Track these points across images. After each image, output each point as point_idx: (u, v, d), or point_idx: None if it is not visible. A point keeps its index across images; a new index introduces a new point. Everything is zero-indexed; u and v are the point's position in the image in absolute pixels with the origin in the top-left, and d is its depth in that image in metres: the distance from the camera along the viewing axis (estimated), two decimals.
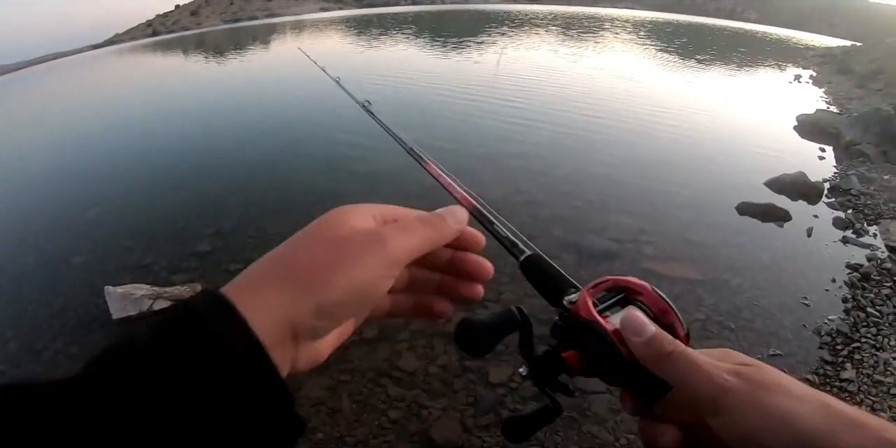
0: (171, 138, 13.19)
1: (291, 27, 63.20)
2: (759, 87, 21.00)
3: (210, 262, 6.60)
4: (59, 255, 7.19)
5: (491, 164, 9.51)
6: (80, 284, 6.33)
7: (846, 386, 4.38)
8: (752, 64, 27.62)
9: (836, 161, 10.55)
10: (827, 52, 35.24)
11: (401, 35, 40.29)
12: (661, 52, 30.96)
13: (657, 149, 10.86)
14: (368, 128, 1.48)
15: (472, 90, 16.62)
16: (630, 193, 8.44)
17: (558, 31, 42.74)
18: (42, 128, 17.90)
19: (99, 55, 62.46)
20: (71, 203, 9.21)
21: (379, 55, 28.97)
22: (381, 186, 8.51)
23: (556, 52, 28.43)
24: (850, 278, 6.05)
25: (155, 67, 37.40)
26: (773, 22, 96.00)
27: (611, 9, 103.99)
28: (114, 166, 11.26)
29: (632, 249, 6.59)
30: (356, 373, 4.55)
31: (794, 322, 5.24)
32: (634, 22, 61.42)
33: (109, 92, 25.64)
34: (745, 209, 7.76)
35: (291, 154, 10.99)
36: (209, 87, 22.90)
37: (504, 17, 62.77)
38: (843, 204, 8.19)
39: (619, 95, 16.28)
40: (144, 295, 5.45)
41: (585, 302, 0.70)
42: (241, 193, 8.72)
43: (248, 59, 32.27)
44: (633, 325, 0.64)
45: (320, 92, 13.37)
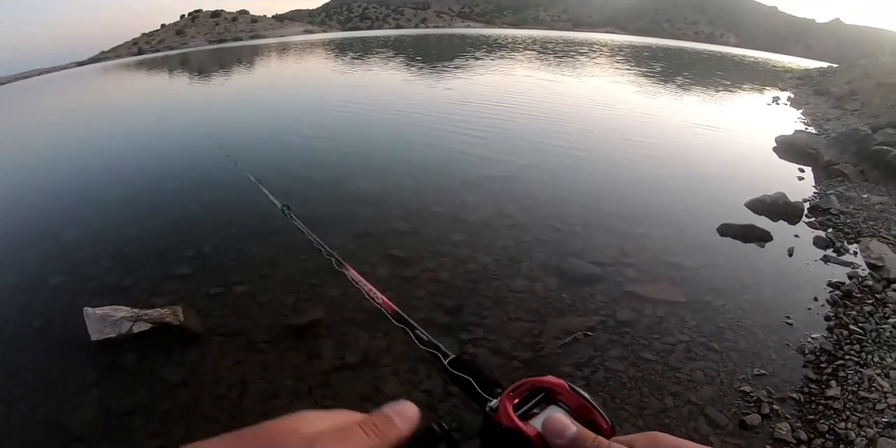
0: (151, 160, 13.12)
1: (275, 49, 63.37)
2: (738, 109, 21.32)
3: (190, 284, 6.51)
4: (36, 275, 7.06)
5: (474, 189, 9.53)
6: (59, 305, 6.22)
7: (831, 403, 4.37)
8: (731, 87, 28.02)
9: (816, 181, 10.68)
10: (804, 74, 35.99)
11: (378, 59, 40.50)
12: (640, 76, 31.38)
13: (637, 172, 10.95)
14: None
15: (451, 114, 16.76)
16: (611, 216, 8.47)
17: (538, 56, 43.22)
18: (20, 146, 17.74)
19: (82, 72, 62.25)
20: (49, 223, 9.07)
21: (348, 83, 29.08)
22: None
23: (535, 77, 28.71)
24: (832, 296, 6.09)
25: (137, 87, 37.34)
26: (752, 45, 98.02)
27: (591, 33, 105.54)
28: (92, 187, 11.15)
29: (613, 272, 6.58)
30: (339, 398, 4.50)
31: (778, 341, 5.24)
32: (615, 46, 62.33)
33: (89, 111, 25.54)
34: (727, 230, 7.81)
35: (269, 177, 10.94)
36: (191, 107, 22.85)
37: (484, 41, 63.48)
38: (824, 223, 8.27)
39: (598, 120, 16.49)
40: (124, 317, 5.35)
41: (506, 408, 0.72)
42: (222, 216, 8.65)
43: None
44: (554, 428, 0.66)
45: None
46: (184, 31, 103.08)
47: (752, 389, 4.50)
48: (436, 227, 7.93)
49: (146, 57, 76.67)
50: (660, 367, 4.82)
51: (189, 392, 4.69)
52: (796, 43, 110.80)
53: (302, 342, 5.27)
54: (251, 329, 5.52)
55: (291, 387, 4.66)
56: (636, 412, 4.28)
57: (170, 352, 5.21)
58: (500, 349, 5.09)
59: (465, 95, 20.51)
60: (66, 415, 4.48)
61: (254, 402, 4.50)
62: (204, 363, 5.05)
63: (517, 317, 5.64)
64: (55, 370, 5.09)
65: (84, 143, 16.63)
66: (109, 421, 4.41)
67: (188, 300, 6.05)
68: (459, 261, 6.87)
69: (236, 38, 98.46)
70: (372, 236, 7.65)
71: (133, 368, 5.02)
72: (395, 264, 6.78)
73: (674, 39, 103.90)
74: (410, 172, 10.64)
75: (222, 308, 5.93)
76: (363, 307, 5.74)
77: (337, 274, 4.61)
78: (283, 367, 4.93)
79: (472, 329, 5.40)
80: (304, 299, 6.02)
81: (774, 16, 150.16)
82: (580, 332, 5.26)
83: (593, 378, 4.66)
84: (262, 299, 6.06)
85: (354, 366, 4.90)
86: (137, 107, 24.52)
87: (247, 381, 4.77)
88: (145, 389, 4.74)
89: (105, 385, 4.84)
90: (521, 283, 6.32)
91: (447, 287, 6.25)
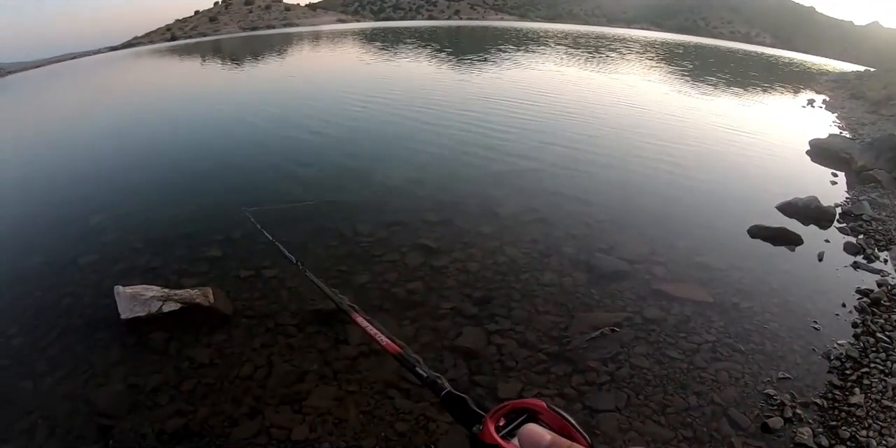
0: (183, 144, 13.30)
1: (308, 37, 63.57)
2: (772, 110, 20.99)
3: (220, 267, 6.61)
4: (67, 255, 7.19)
5: (504, 183, 9.54)
6: (88, 284, 6.34)
7: (854, 411, 4.33)
8: (766, 88, 27.63)
9: (848, 186, 10.52)
10: (840, 77, 35.39)
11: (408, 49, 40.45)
12: (673, 74, 31.05)
13: (668, 171, 10.85)
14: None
15: (482, 109, 16.76)
16: (642, 214, 8.45)
17: (569, 52, 42.90)
18: (54, 128, 18.05)
19: (116, 57, 62.97)
20: (80, 206, 9.23)
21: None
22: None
23: (566, 74, 28.51)
24: (860, 303, 6.00)
25: (170, 72, 37.69)
26: (788, 46, 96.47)
27: (625, 29, 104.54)
28: (122, 171, 11.34)
29: (642, 270, 6.55)
30: (364, 383, 4.55)
31: (804, 346, 5.20)
32: (647, 43, 61.62)
33: (122, 95, 25.89)
34: (757, 232, 7.73)
35: (302, 165, 11.02)
36: (223, 93, 23.01)
37: (515, 34, 63.17)
38: (855, 229, 8.16)
39: (630, 118, 16.31)
40: (154, 296, 5.43)
41: (488, 428, 0.81)
42: (250, 202, 8.69)
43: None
44: (530, 439, 0.73)
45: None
46: (217, 17, 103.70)
47: (775, 392, 4.47)
48: (466, 219, 7.94)
49: (179, 43, 77.32)
50: (685, 365, 4.80)
51: (215, 372, 4.76)
52: (832, 45, 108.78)
53: (329, 328, 5.31)
54: (279, 313, 5.59)
55: (317, 371, 4.71)
56: (659, 410, 4.27)
57: (198, 332, 5.29)
58: (526, 341, 5.10)
59: (496, 91, 20.43)
60: (93, 390, 4.57)
61: (279, 385, 4.57)
62: (231, 344, 5.13)
63: (545, 310, 5.65)
64: (83, 347, 5.18)
65: (116, 128, 16.84)
66: (135, 398, 4.48)
67: (218, 282, 6.14)
68: (489, 252, 6.89)
69: (269, 26, 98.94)
70: (402, 225, 7.69)
71: (161, 347, 5.10)
72: (425, 253, 6.82)
73: (710, 37, 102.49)
74: (441, 165, 10.70)
75: (251, 291, 6.01)
76: (392, 295, 5.81)
77: (367, 261, 4.65)
78: (309, 351, 4.99)
79: (500, 320, 5.42)
80: (333, 285, 6.02)
81: (812, 17, 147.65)
82: (607, 328, 5.25)
83: (618, 374, 4.66)
84: (291, 284, 6.12)
85: (380, 352, 4.88)
86: (168, 92, 24.77)
87: (273, 363, 4.84)
88: (172, 368, 4.83)
89: (132, 362, 4.93)
90: (550, 276, 6.33)
91: (476, 278, 6.28)
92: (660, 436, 4.00)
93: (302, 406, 4.33)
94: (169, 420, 4.23)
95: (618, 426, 4.06)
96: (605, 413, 4.20)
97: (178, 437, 4.09)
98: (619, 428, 4.05)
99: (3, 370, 4.94)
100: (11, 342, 5.34)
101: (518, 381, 4.52)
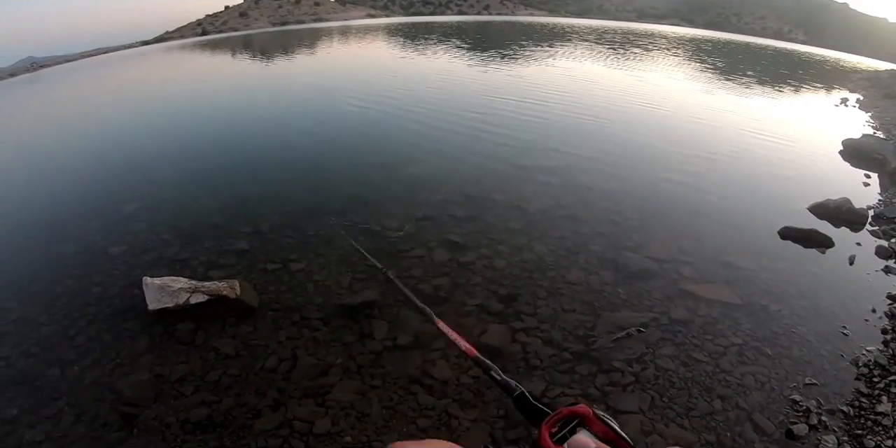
0: (212, 138, 13.46)
1: (337, 32, 63.86)
2: (804, 109, 20.62)
3: (248, 259, 6.68)
4: (97, 245, 7.34)
5: (533, 179, 9.49)
6: (117, 274, 6.45)
7: (881, 420, 4.25)
8: (798, 86, 27.15)
9: (881, 188, 10.31)
10: (874, 75, 34.69)
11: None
12: (703, 71, 30.60)
13: (698, 169, 10.71)
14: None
15: (511, 103, 16.71)
16: (671, 212, 8.37)
17: (595, 47, 42.58)
18: (87, 121, 18.37)
19: (148, 51, 63.78)
20: (110, 196, 9.38)
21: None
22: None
23: (595, 70, 28.32)
24: (890, 309, 5.89)
25: (201, 66, 38.13)
26: (820, 43, 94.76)
27: (655, 25, 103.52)
28: (153, 163, 11.49)
29: (670, 269, 6.50)
30: (388, 378, 4.57)
31: (832, 351, 5.11)
32: (676, 39, 60.94)
33: (154, 88, 26.14)
34: (788, 234, 7.62)
35: (329, 159, 11.10)
36: (253, 88, 23.16)
37: (540, 30, 62.93)
38: (887, 232, 7.98)
39: (660, 116, 16.13)
40: (182, 288, 5.49)
41: (544, 435, 0.94)
42: (280, 196, 8.85)
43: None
44: None
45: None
46: (247, 13, 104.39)
47: (801, 398, 4.41)
48: (493, 215, 7.94)
49: (209, 38, 78.01)
50: (710, 368, 4.76)
51: (240, 363, 4.82)
52: (867, 42, 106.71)
53: (354, 322, 5.35)
54: (305, 306, 5.64)
55: (342, 365, 4.75)
56: (683, 413, 4.24)
57: (224, 324, 5.36)
58: (551, 340, 5.09)
59: (526, 86, 20.32)
60: (119, 379, 4.64)
61: (303, 378, 4.61)
62: (257, 337, 5.19)
63: (571, 308, 5.63)
64: (110, 337, 5.27)
65: (146, 120, 17.11)
66: (160, 387, 4.55)
67: (245, 275, 6.22)
68: (516, 249, 6.88)
69: (299, 21, 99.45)
70: (430, 220, 7.71)
71: (187, 338, 5.17)
72: (452, 249, 6.83)
73: (740, 34, 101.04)
74: (469, 160, 10.63)
75: (278, 284, 6.07)
76: (418, 290, 5.83)
77: (394, 256, 4.68)
78: (334, 344, 5.03)
79: (525, 318, 5.41)
80: (359, 280, 6.11)
81: (845, 13, 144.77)
82: (633, 328, 5.22)
83: (643, 375, 4.63)
84: (318, 278, 6.17)
85: (405, 347, 4.96)
86: (198, 86, 25.03)
87: (298, 356, 4.89)
88: (198, 359, 4.89)
89: (158, 353, 5.00)
90: (577, 274, 6.31)
91: (502, 275, 6.27)
92: (683, 439, 3.96)
93: (325, 399, 4.37)
94: (193, 410, 4.29)
95: (641, 428, 4.03)
96: (628, 414, 4.17)
97: (202, 426, 4.14)
98: (642, 430, 4.02)
99: (33, 357, 5.04)
100: (41, 329, 5.45)
101: (542, 379, 4.51)
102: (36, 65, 62.16)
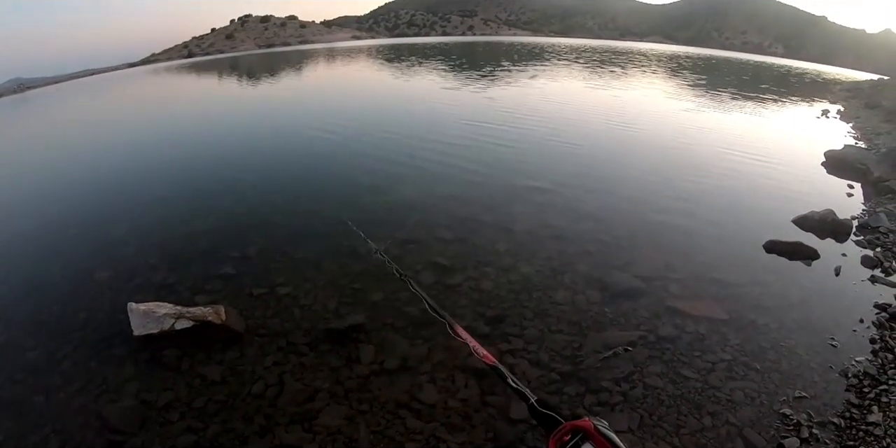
0: (199, 162, 13.42)
1: (323, 54, 64.19)
2: (786, 122, 20.81)
3: (234, 284, 6.64)
4: (83, 269, 7.31)
5: (519, 200, 9.51)
6: (103, 299, 6.41)
7: (872, 430, 4.24)
8: (779, 99, 27.40)
9: (865, 198, 10.40)
10: (854, 86, 35.19)
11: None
12: (687, 87, 30.92)
13: (683, 186, 10.78)
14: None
15: (495, 124, 16.85)
16: (656, 230, 8.37)
17: (583, 64, 42.99)
18: (71, 143, 18.33)
19: (134, 73, 63.89)
20: (98, 220, 9.36)
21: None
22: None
23: (579, 84, 28.67)
24: (878, 318, 5.90)
25: (187, 88, 38.11)
26: (800, 56, 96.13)
27: (638, 43, 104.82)
28: (141, 186, 11.43)
29: (657, 287, 6.50)
30: (375, 403, 4.53)
31: (821, 363, 5.11)
32: (655, 56, 61.62)
33: (142, 111, 26.15)
34: (773, 247, 7.65)
35: (315, 182, 11.11)
36: (239, 111, 23.21)
37: (519, 49, 63.55)
38: (872, 242, 8.04)
39: (644, 131, 16.25)
40: (167, 313, 5.45)
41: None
42: (267, 219, 8.80)
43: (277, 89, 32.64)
44: None
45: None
46: (233, 35, 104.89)
47: (792, 412, 4.41)
48: (480, 236, 7.94)
49: (196, 60, 78.31)
50: (699, 385, 4.74)
51: (227, 390, 4.77)
52: (846, 54, 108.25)
53: (341, 346, 5.31)
54: (292, 331, 5.60)
55: (329, 389, 4.71)
56: (673, 431, 4.22)
57: (210, 350, 5.31)
58: (539, 361, 5.06)
59: (506, 105, 20.51)
60: (105, 406, 4.59)
61: (290, 404, 4.57)
62: (243, 362, 5.14)
63: (558, 329, 5.62)
64: (96, 362, 5.23)
65: (133, 142, 17.07)
66: (147, 414, 4.50)
67: (231, 299, 6.18)
68: (502, 270, 6.87)
69: (285, 43, 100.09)
70: (417, 243, 7.70)
71: (173, 364, 5.12)
72: (438, 272, 6.80)
73: (721, 49, 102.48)
74: (455, 182, 10.64)
75: (264, 309, 6.04)
76: (404, 313, 5.80)
77: (380, 279, 4.66)
78: (321, 369, 4.99)
79: (513, 340, 5.39)
80: (346, 304, 6.08)
81: (824, 26, 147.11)
82: (620, 347, 5.21)
83: (631, 394, 4.61)
84: (305, 302, 6.15)
85: (393, 371, 4.92)
86: (185, 109, 25.03)
87: (285, 381, 4.85)
88: (184, 385, 4.85)
89: (144, 379, 4.96)
90: (564, 294, 6.30)
91: (489, 296, 6.25)
92: None
93: (313, 425, 4.32)
94: (180, 437, 4.24)
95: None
96: (618, 434, 4.11)
97: None
98: None
99: (18, 383, 5.01)
100: (27, 355, 5.43)
101: None
102: (23, 86, 62.16)
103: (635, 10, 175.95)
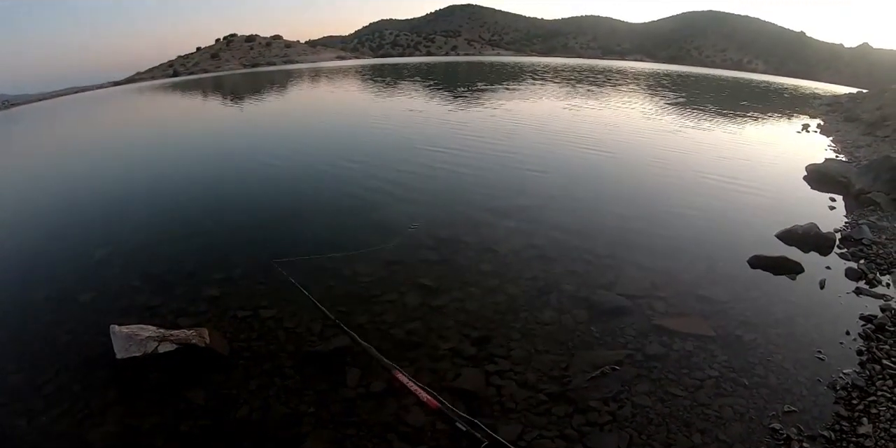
0: (184, 184, 13.31)
1: (307, 74, 64.43)
2: (767, 137, 20.92)
3: (218, 306, 6.58)
4: (66, 291, 7.22)
5: (504, 220, 9.49)
6: (86, 322, 6.33)
7: (863, 441, 4.25)
8: (759, 115, 27.66)
9: (847, 210, 10.51)
10: (833, 100, 35.67)
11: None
12: (668, 104, 31.13)
13: (667, 203, 10.85)
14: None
15: (477, 144, 16.98)
16: (641, 248, 8.37)
17: (566, 83, 43.36)
18: (56, 163, 18.20)
19: (118, 92, 63.76)
20: (82, 242, 9.24)
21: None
22: None
23: (561, 103, 28.83)
24: (864, 330, 5.95)
25: (170, 108, 38.00)
26: (780, 71, 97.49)
27: (619, 61, 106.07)
28: (125, 208, 11.35)
29: (643, 305, 6.50)
30: (362, 427, 4.47)
31: (809, 377, 5.13)
32: (643, 74, 62.29)
33: (122, 131, 26.05)
34: (758, 262, 7.69)
35: (301, 204, 11.08)
36: (223, 133, 23.15)
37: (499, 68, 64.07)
38: (856, 254, 8.11)
39: (624, 151, 16.30)
40: (150, 336, 5.39)
41: None
42: (252, 241, 8.77)
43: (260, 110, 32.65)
44: None
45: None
46: (218, 54, 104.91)
47: (781, 427, 4.40)
48: (465, 257, 7.93)
49: (180, 79, 78.33)
50: (688, 402, 4.73)
51: (212, 414, 4.71)
52: (825, 68, 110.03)
53: (327, 369, 5.26)
54: (277, 354, 5.55)
55: (314, 413, 4.65)
56: None
57: (194, 373, 5.25)
58: (526, 382, 5.03)
59: (489, 124, 20.75)
60: (89, 430, 4.53)
61: (276, 428, 4.51)
62: (228, 386, 5.08)
63: (545, 349, 5.60)
64: (79, 386, 5.16)
65: (119, 163, 16.96)
66: (130, 439, 4.44)
67: (215, 322, 6.14)
68: (488, 291, 6.85)
69: (270, 63, 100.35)
70: (401, 264, 7.68)
71: (157, 388, 5.06)
72: (424, 293, 6.78)
73: (701, 66, 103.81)
74: (440, 202, 10.67)
75: (249, 332, 5.98)
76: (390, 336, 5.75)
77: (366, 301, 4.63)
78: (306, 393, 4.93)
79: (499, 361, 5.35)
80: (331, 326, 6.02)
81: (802, 41, 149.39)
82: (608, 367, 5.19)
83: (620, 413, 4.59)
84: (289, 325, 6.09)
85: (379, 395, 4.85)
86: (171, 130, 24.90)
87: (270, 405, 4.79)
88: (168, 409, 4.78)
89: (128, 403, 4.89)
90: (550, 314, 6.28)
91: (475, 317, 6.22)
92: None
93: None
94: None
95: None
96: None
97: None
98: None
99: (0, 407, 4.92)
100: (9, 379, 5.35)
101: (518, 422, 4.42)
102: (8, 103, 61.82)
103: (617, 30, 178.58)
